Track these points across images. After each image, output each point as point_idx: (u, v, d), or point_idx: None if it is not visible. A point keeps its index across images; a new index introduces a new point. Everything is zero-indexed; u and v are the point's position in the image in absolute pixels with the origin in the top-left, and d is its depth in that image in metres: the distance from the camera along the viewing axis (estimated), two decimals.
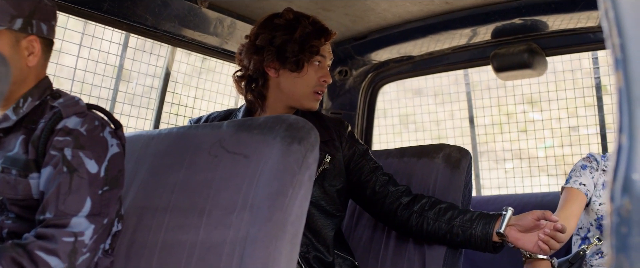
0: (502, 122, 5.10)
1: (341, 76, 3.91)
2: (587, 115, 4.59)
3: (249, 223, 1.73)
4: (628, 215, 0.86)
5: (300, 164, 1.76)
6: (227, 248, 1.75)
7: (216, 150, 1.94)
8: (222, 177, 1.87)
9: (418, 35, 3.55)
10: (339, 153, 2.66)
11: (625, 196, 0.86)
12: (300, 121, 1.84)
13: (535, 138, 4.90)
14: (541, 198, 3.72)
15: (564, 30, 3.41)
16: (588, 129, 4.63)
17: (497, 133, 5.07)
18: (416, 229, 2.64)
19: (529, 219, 2.47)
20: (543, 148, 4.84)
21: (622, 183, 0.86)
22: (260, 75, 2.61)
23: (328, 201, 2.62)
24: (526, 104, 4.99)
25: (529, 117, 4.99)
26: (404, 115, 5.51)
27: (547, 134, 4.80)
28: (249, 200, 1.77)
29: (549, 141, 4.82)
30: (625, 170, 0.86)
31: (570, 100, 4.66)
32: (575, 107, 4.66)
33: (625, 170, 0.86)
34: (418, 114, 5.46)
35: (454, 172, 2.76)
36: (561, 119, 4.80)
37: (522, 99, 4.96)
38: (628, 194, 0.86)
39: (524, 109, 4.94)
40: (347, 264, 2.68)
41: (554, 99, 4.76)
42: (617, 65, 0.92)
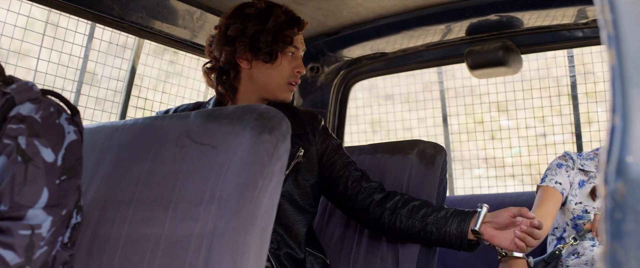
0: (471, 129, 5.08)
1: (312, 73, 3.84)
2: (555, 123, 4.60)
3: (216, 216, 1.65)
4: (622, 199, 0.82)
5: (271, 155, 1.69)
6: (194, 242, 1.67)
7: (183, 141, 1.86)
8: (189, 168, 1.79)
9: (392, 31, 3.49)
10: (312, 147, 2.59)
11: (619, 179, 0.82)
12: (271, 111, 1.77)
13: (502, 146, 4.88)
14: (516, 198, 3.68)
15: (540, 28, 3.37)
16: (556, 136, 4.62)
17: (465, 140, 5.05)
18: (389, 227, 2.57)
19: (504, 216, 2.42)
20: (517, 152, 4.81)
21: (616, 166, 0.82)
22: (232, 67, 2.53)
23: (301, 196, 2.55)
24: (495, 111, 4.97)
25: (498, 123, 4.97)
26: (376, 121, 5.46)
27: (516, 141, 4.77)
28: (217, 192, 1.69)
29: (518, 148, 4.78)
30: (619, 152, 0.83)
31: (538, 109, 4.65)
32: (543, 116, 4.66)
33: (619, 152, 0.83)
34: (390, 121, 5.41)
35: (428, 169, 2.69)
36: (529, 127, 4.78)
37: (490, 107, 4.94)
38: (622, 178, 0.82)
39: (493, 116, 4.92)
40: (319, 262, 2.61)
41: (522, 108, 4.75)
42: (610, 42, 0.88)
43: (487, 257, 3.56)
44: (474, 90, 5.01)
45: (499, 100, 4.94)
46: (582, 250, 3.03)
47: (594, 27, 3.29)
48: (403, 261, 2.63)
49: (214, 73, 2.58)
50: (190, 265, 1.65)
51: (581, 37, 3.37)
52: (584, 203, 3.07)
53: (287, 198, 2.52)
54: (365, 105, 5.48)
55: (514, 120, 4.88)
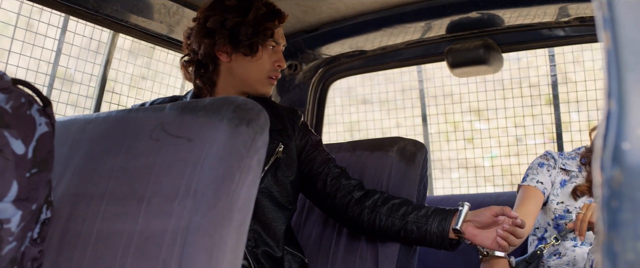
0: (449, 133, 5.07)
1: (291, 71, 3.79)
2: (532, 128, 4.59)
3: (192, 211, 1.60)
4: (619, 188, 0.79)
5: (249, 147, 1.64)
6: (168, 238, 1.61)
7: (158, 134, 1.80)
8: (164, 162, 1.74)
9: (371, 29, 3.45)
10: (292, 143, 2.55)
11: (615, 167, 0.79)
12: (249, 103, 1.71)
13: (481, 148, 4.89)
14: (496, 198, 3.66)
15: (521, 26, 3.35)
16: (535, 138, 4.63)
17: (443, 141, 5.04)
18: (368, 226, 2.53)
19: (486, 215, 2.38)
20: (489, 157, 4.81)
21: (612, 152, 0.80)
22: (211, 60, 2.49)
23: (281, 192, 2.51)
24: (473, 114, 4.97)
25: (475, 126, 4.97)
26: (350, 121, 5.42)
27: (493, 144, 4.78)
28: (193, 186, 1.64)
29: (495, 151, 4.79)
30: (615, 138, 0.80)
31: (517, 114, 4.65)
32: (522, 116, 4.66)
33: (615, 139, 0.80)
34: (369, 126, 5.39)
35: (408, 166, 2.66)
36: (506, 129, 4.78)
37: (468, 111, 4.93)
38: (619, 165, 0.79)
39: (471, 120, 4.91)
40: (297, 261, 2.56)
41: (500, 110, 4.75)
42: (605, 24, 0.85)
43: (467, 257, 3.52)
44: (452, 94, 5.00)
45: (476, 103, 4.93)
46: (564, 251, 3.00)
47: (576, 26, 3.28)
48: (383, 260, 2.59)
49: (192, 66, 2.53)
50: (163, 262, 1.59)
51: (562, 36, 3.35)
52: (566, 203, 3.05)
53: (266, 194, 2.47)
54: (343, 110, 5.45)
55: (492, 121, 4.88)
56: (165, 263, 1.59)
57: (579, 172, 3.13)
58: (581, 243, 2.99)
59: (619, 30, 0.84)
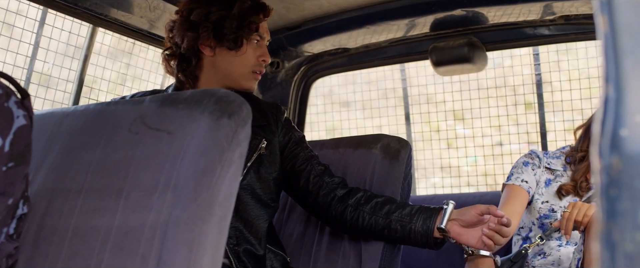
0: (428, 137, 5.06)
1: (273, 68, 3.75)
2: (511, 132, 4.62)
3: (171, 205, 1.56)
4: (618, 175, 0.77)
5: (230, 140, 1.60)
6: (147, 233, 1.57)
7: (137, 127, 1.76)
8: (143, 155, 1.69)
9: (354, 26, 3.42)
10: (275, 139, 2.51)
11: (614, 154, 0.78)
12: (231, 95, 1.68)
13: (459, 154, 4.88)
14: (480, 198, 3.63)
15: (505, 24, 3.32)
16: (518, 141, 4.63)
17: (424, 147, 5.03)
18: (351, 224, 2.49)
19: (472, 214, 2.35)
20: (470, 160, 4.80)
21: (610, 139, 0.78)
22: (194, 54, 2.44)
23: (263, 189, 2.47)
24: (452, 119, 4.97)
25: (456, 130, 4.97)
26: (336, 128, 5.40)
27: (472, 149, 4.79)
28: (172, 179, 1.60)
29: (474, 157, 4.77)
30: (613, 125, 0.78)
31: (495, 118, 4.65)
32: (504, 118, 4.65)
33: (613, 125, 0.78)
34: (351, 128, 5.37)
35: (392, 163, 2.62)
36: (485, 135, 4.77)
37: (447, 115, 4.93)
38: (617, 152, 0.77)
39: (450, 125, 4.92)
40: (279, 260, 2.52)
41: (478, 117, 4.76)
42: (602, 8, 0.84)
43: (450, 257, 3.50)
44: (431, 99, 5.00)
45: (458, 106, 4.93)
46: (549, 250, 2.98)
47: (561, 24, 3.26)
48: (366, 259, 2.55)
49: (174, 60, 2.48)
50: (142, 257, 1.55)
51: (547, 34, 3.34)
52: (551, 202, 3.03)
53: (248, 191, 2.43)
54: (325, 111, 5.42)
55: (471, 128, 4.89)
56: (144, 258, 1.54)
57: (564, 171, 3.11)
58: (566, 243, 2.97)
59: (616, 15, 0.83)
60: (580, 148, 3.09)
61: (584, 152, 3.06)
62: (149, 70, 3.55)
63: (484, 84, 4.74)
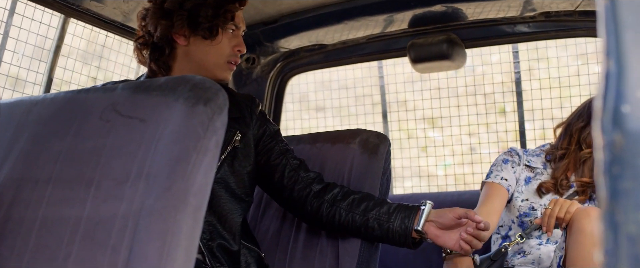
0: (402, 138, 5.05)
1: (248, 64, 3.69)
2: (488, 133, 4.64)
3: (144, 194, 1.50)
4: (620, 153, 0.75)
5: (206, 127, 1.54)
6: (119, 223, 1.51)
7: (108, 115, 1.69)
8: (114, 143, 1.63)
9: (332, 21, 3.37)
10: (250, 132, 2.45)
11: (616, 130, 0.75)
12: (207, 81, 1.62)
13: (435, 157, 4.86)
14: (457, 197, 3.60)
15: (484, 21, 3.29)
16: (489, 147, 4.68)
17: (397, 149, 5.01)
18: (327, 220, 2.45)
19: (449, 217, 2.33)
20: (443, 166, 4.78)
21: (612, 115, 0.76)
22: (167, 43, 2.37)
23: (238, 183, 2.41)
24: (427, 122, 4.96)
25: (429, 135, 4.96)
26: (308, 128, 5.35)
27: (447, 153, 4.79)
28: (145, 168, 1.53)
29: (449, 160, 4.77)
30: (615, 100, 0.76)
31: (472, 118, 4.65)
32: (476, 124, 4.65)
33: (614, 101, 0.76)
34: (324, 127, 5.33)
35: (371, 158, 2.57)
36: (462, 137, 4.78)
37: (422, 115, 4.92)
38: (619, 129, 0.75)
39: (425, 127, 4.90)
40: (253, 256, 2.46)
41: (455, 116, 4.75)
42: None
43: (427, 257, 3.46)
44: (404, 106, 4.98)
45: (430, 112, 4.93)
46: (528, 249, 2.94)
47: (541, 21, 3.23)
48: (344, 256, 2.50)
49: (147, 49, 2.41)
50: (113, 248, 1.49)
51: (527, 31, 3.31)
52: (531, 200, 2.99)
53: (222, 184, 2.38)
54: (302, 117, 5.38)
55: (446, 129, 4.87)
56: (115, 249, 1.48)
57: (544, 169, 3.09)
58: (546, 241, 2.94)
59: None
60: (560, 146, 3.07)
61: (564, 150, 3.04)
62: (120, 74, 3.47)
63: (456, 92, 4.74)
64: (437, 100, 4.77)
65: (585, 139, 2.99)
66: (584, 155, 2.98)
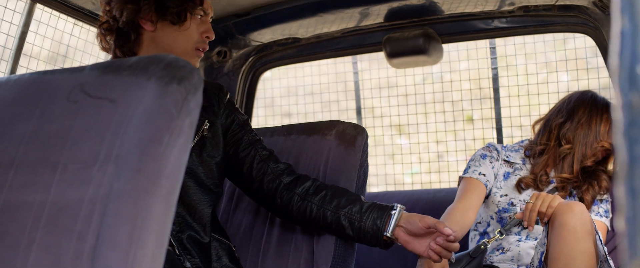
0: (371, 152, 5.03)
1: (219, 57, 3.60)
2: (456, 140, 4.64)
3: (113, 177, 1.41)
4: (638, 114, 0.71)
5: (180, 107, 1.46)
6: (85, 208, 1.42)
7: (76, 96, 1.61)
8: (82, 125, 1.54)
9: (307, 14, 3.30)
10: (218, 121, 2.38)
11: (633, 91, 0.70)
12: (180, 61, 1.53)
13: (402, 164, 4.83)
14: (434, 195, 3.54)
15: (462, 15, 3.23)
16: (457, 155, 4.72)
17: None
18: (297, 214, 2.39)
19: (418, 226, 2.28)
20: (410, 174, 4.75)
21: (628, 75, 0.71)
22: (133, 29, 2.29)
23: (206, 174, 2.34)
24: (394, 129, 4.95)
25: (396, 142, 4.94)
26: None
27: (414, 160, 4.75)
28: (115, 149, 1.45)
29: (416, 167, 4.74)
30: (630, 60, 0.72)
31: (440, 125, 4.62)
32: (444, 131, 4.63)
33: (630, 61, 0.72)
34: None
35: (348, 150, 2.51)
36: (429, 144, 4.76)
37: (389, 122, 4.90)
38: (636, 89, 0.70)
39: (392, 134, 4.88)
40: (224, 248, 2.39)
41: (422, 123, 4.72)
42: None
43: (402, 256, 3.39)
44: (374, 112, 4.95)
45: (395, 124, 4.91)
46: (508, 246, 2.89)
47: (520, 16, 3.19)
48: (319, 251, 2.44)
49: (111, 35, 2.32)
50: (79, 234, 1.40)
51: (505, 26, 3.26)
52: (510, 195, 2.95)
53: (190, 174, 2.31)
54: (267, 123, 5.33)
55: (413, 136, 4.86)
56: (81, 235, 1.39)
57: (523, 164, 3.05)
58: (526, 238, 2.90)
59: None
60: (539, 142, 3.04)
61: (544, 146, 3.01)
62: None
63: (424, 99, 4.74)
64: (404, 107, 4.75)
65: (565, 135, 2.96)
66: (563, 151, 2.95)
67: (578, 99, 3.02)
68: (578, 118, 2.96)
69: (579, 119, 2.95)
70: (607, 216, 2.99)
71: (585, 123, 2.94)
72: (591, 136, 2.93)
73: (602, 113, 2.96)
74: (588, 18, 3.07)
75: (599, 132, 2.93)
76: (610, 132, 2.95)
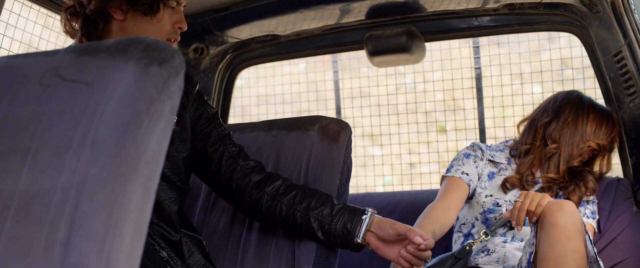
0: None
1: (196, 54, 3.51)
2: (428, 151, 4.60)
3: (88, 163, 1.32)
4: None
5: (160, 90, 1.37)
6: (58, 196, 1.33)
7: (49, 79, 1.51)
8: (55, 109, 1.46)
9: (287, 10, 3.22)
10: (186, 114, 2.29)
11: None
12: (161, 43, 1.45)
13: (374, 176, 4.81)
14: (415, 196, 3.47)
15: (445, 13, 3.17)
16: (430, 166, 4.63)
17: None
18: (267, 214, 2.32)
19: (389, 233, 2.22)
20: (382, 184, 4.70)
21: None
22: (101, 17, 2.17)
23: (173, 169, 2.26)
24: (366, 139, 4.91)
25: (368, 152, 4.90)
26: None
27: (386, 170, 4.74)
28: (90, 134, 1.36)
29: (389, 177, 4.71)
30: None
31: (412, 136, 4.62)
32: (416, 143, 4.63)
33: None
34: None
35: (331, 146, 2.43)
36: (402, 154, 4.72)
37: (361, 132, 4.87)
38: None
39: (364, 144, 4.85)
40: (195, 243, 2.31)
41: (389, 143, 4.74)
42: None
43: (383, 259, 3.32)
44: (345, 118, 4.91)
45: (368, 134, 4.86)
46: (493, 247, 2.83)
47: (505, 14, 3.13)
48: (301, 251, 2.36)
49: (78, 21, 2.21)
50: (51, 224, 1.31)
51: (490, 25, 3.21)
52: (495, 196, 2.89)
53: None
54: None
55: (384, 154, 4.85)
56: (53, 225, 1.30)
57: (508, 164, 3.00)
58: (512, 239, 2.84)
59: None
60: (524, 141, 3.00)
61: (529, 145, 2.97)
62: None
63: (396, 109, 4.70)
64: (377, 117, 4.70)
65: (551, 135, 2.92)
66: (549, 150, 2.91)
67: (564, 99, 2.98)
68: (564, 117, 2.92)
69: (565, 118, 2.91)
70: (594, 217, 2.94)
71: (571, 122, 2.90)
72: (577, 136, 2.88)
73: (588, 113, 2.92)
74: (574, 16, 3.02)
75: (586, 132, 2.89)
76: (596, 132, 2.91)
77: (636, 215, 3.00)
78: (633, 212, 3.01)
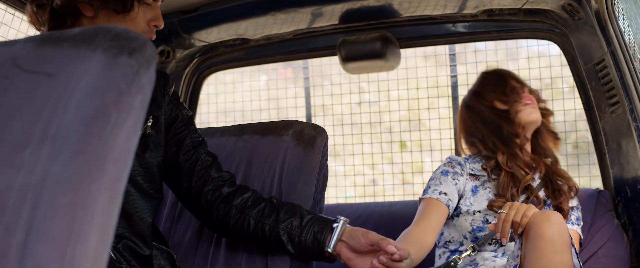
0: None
1: (162, 58, 3.38)
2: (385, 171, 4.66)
3: (49, 160, 1.19)
4: None
5: (131, 82, 1.25)
6: (14, 196, 1.20)
7: (7, 71, 1.39)
8: (12, 103, 1.33)
9: (258, 12, 3.11)
10: (162, 116, 2.13)
11: None
12: (131, 32, 1.33)
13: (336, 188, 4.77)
14: (388, 208, 3.37)
15: (421, 18, 3.08)
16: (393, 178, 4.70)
17: None
18: (235, 229, 2.20)
19: (361, 242, 2.12)
20: (343, 197, 4.66)
21: None
22: (69, 12, 2.01)
23: (146, 177, 2.09)
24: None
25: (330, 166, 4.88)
26: None
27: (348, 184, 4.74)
28: (52, 129, 1.23)
29: (350, 191, 4.72)
30: None
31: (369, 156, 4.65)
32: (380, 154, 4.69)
33: None
34: None
35: (307, 151, 2.32)
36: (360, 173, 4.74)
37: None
38: None
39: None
40: (166, 257, 2.16)
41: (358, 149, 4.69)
42: None
43: None
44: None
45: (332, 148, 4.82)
46: (482, 262, 2.69)
47: (483, 20, 3.05)
48: (275, 262, 2.24)
49: (44, 14, 2.05)
50: (6, 228, 1.18)
51: (467, 31, 3.13)
52: (484, 212, 2.75)
53: (129, 179, 2.03)
54: None
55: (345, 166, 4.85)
56: (9, 228, 1.17)
57: (490, 174, 2.87)
58: (502, 255, 2.70)
59: None
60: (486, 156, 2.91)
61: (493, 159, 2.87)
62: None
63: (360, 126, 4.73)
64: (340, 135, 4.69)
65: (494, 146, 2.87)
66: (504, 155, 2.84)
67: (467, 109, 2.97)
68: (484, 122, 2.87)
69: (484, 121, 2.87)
70: (579, 224, 2.86)
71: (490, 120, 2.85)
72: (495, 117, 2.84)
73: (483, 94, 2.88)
74: (555, 24, 2.95)
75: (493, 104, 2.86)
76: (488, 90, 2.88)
77: (617, 228, 2.94)
78: (614, 224, 2.95)
